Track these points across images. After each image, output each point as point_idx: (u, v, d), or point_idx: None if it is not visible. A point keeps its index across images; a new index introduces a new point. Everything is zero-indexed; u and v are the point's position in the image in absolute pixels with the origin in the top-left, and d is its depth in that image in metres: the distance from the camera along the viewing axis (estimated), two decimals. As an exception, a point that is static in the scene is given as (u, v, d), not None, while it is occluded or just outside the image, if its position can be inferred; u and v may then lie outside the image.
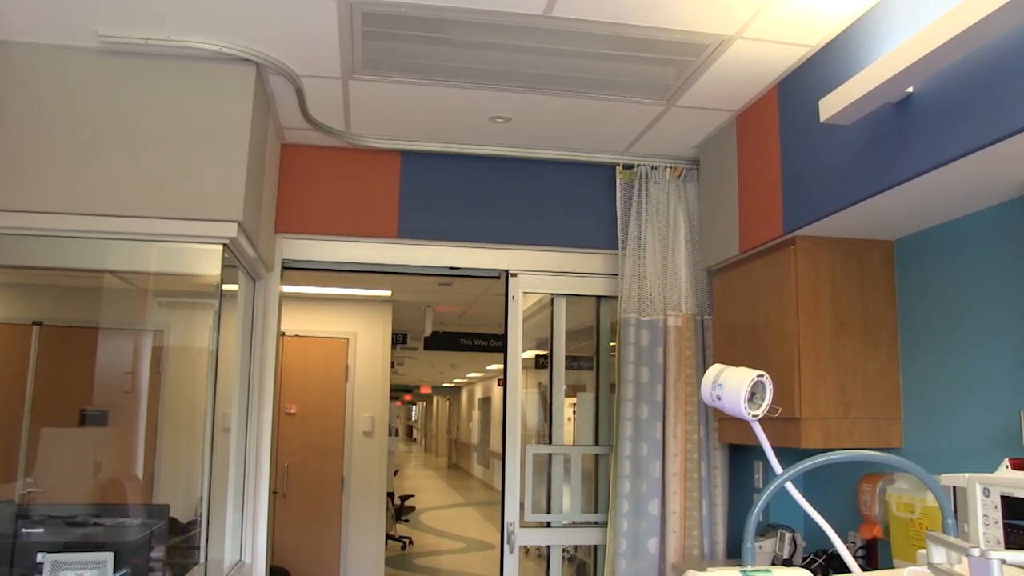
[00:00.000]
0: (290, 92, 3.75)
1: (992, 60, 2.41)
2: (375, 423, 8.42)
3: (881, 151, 2.90)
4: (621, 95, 3.78)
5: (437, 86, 3.71)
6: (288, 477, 8.11)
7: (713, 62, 3.44)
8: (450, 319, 10.60)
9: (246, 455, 4.18)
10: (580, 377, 5.69)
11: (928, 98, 2.67)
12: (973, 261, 3.11)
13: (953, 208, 3.09)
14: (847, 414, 3.44)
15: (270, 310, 4.31)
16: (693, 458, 4.25)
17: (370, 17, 3.10)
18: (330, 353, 8.46)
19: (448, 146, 4.45)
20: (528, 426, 8.42)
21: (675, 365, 4.33)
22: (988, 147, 2.43)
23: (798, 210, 3.42)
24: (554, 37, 3.24)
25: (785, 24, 3.11)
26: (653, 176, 4.54)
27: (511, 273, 4.60)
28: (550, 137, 4.36)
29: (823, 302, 3.49)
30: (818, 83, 3.30)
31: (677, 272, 4.43)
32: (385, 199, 4.48)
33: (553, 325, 4.81)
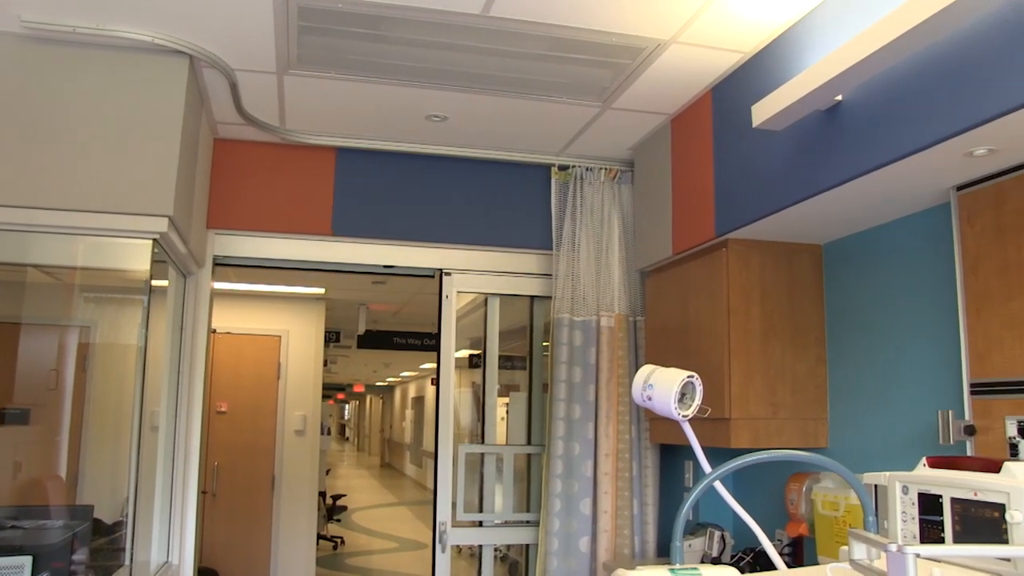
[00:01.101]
0: (224, 86, 3.69)
1: (916, 72, 2.48)
2: (307, 422, 8.33)
3: (811, 157, 2.96)
4: (557, 96, 3.80)
5: (374, 83, 3.68)
6: (218, 476, 7.99)
7: (649, 65, 3.47)
8: (384, 317, 10.54)
9: (175, 454, 4.10)
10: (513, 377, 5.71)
11: (856, 106, 2.74)
12: (897, 265, 3.19)
13: (878, 214, 3.17)
14: (776, 414, 3.51)
15: (201, 307, 4.23)
16: (625, 458, 4.29)
17: (306, 12, 3.06)
18: (262, 351, 8.35)
19: (384, 144, 4.43)
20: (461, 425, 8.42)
21: (607, 365, 4.37)
22: (911, 156, 2.49)
23: (730, 213, 3.47)
24: (492, 37, 3.24)
25: (720, 30, 3.16)
26: (588, 177, 4.57)
27: (445, 272, 4.59)
28: (486, 137, 4.36)
29: (753, 304, 3.55)
30: (751, 89, 3.36)
31: (610, 273, 4.46)
32: (319, 196, 4.43)
33: (487, 325, 4.81)
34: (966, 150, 2.44)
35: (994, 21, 2.21)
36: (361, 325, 9.96)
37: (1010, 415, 2.52)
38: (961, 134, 2.32)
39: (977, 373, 2.65)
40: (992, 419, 2.58)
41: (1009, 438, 2.51)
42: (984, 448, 2.61)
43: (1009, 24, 2.16)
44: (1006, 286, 2.57)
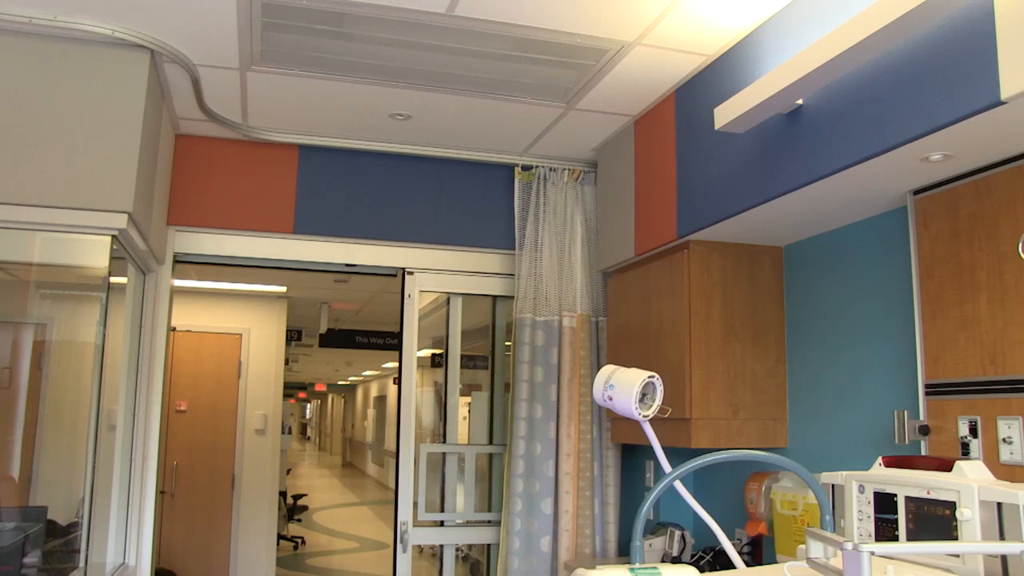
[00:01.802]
0: (186, 82, 3.66)
1: (875, 77, 2.51)
2: (268, 421, 8.27)
3: (772, 160, 2.99)
4: (521, 96, 3.81)
5: (337, 81, 3.66)
6: (176, 476, 7.90)
7: (613, 67, 3.49)
8: (346, 316, 10.49)
9: (132, 453, 4.06)
10: (475, 376, 5.71)
11: (816, 110, 2.77)
12: (855, 268, 3.23)
13: (838, 217, 3.21)
14: (736, 415, 3.54)
15: (160, 304, 4.19)
16: (586, 457, 4.31)
17: (270, 8, 3.04)
18: (223, 349, 8.28)
19: (347, 142, 4.41)
20: (423, 425, 8.40)
21: (569, 365, 4.38)
22: (869, 160, 2.53)
23: (692, 215, 3.50)
24: (456, 36, 3.24)
25: (683, 33, 3.18)
26: (551, 178, 4.58)
27: (408, 271, 4.58)
28: (450, 136, 4.36)
29: (714, 305, 3.58)
30: (714, 92, 3.38)
31: (573, 273, 4.48)
32: (282, 194, 4.40)
33: (449, 324, 4.81)
34: (922, 155, 2.49)
35: (949, 30, 2.25)
36: (323, 324, 9.90)
37: (962, 415, 2.56)
38: (917, 140, 2.35)
39: (931, 374, 2.70)
40: (945, 419, 2.63)
41: (961, 438, 2.56)
42: (938, 447, 2.65)
43: (963, 33, 2.20)
44: (959, 289, 2.61)
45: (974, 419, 2.52)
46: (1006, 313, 2.45)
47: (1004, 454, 2.43)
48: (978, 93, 2.15)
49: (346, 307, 9.64)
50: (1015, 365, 2.42)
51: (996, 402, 2.46)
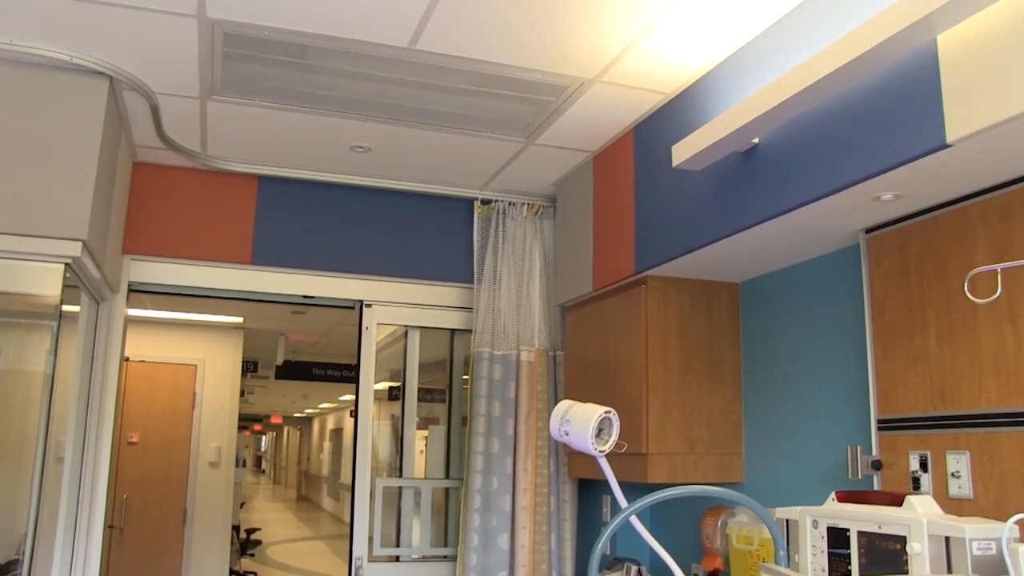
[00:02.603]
0: (145, 109, 3.64)
1: (829, 118, 2.57)
2: (222, 453, 8.15)
3: (728, 197, 3.03)
4: (481, 131, 3.83)
5: (298, 112, 3.66)
6: (126, 510, 7.75)
7: (572, 103, 3.53)
8: (303, 348, 10.41)
9: (80, 487, 3.97)
10: (433, 410, 5.67)
11: (772, 149, 2.82)
12: (809, 304, 3.28)
13: (793, 254, 3.25)
14: (692, 450, 3.55)
15: (113, 334, 4.13)
16: (543, 492, 4.29)
17: (232, 38, 3.04)
18: (177, 380, 8.17)
19: (307, 173, 4.40)
20: (379, 458, 8.32)
21: (527, 400, 4.38)
22: (823, 198, 2.58)
23: (649, 251, 3.53)
24: (418, 70, 3.26)
25: (642, 71, 3.23)
26: (510, 212, 4.60)
27: (366, 304, 4.57)
28: (410, 169, 4.36)
29: (671, 341, 3.61)
30: (672, 129, 3.43)
31: (531, 308, 4.49)
32: (240, 224, 4.38)
33: (407, 357, 4.79)
34: (873, 195, 2.54)
35: (898, 74, 2.31)
36: (280, 355, 9.82)
37: (913, 450, 2.60)
38: (868, 180, 2.40)
39: (883, 410, 2.73)
40: (897, 454, 2.66)
41: (912, 472, 2.59)
42: (890, 482, 2.68)
43: (911, 78, 2.26)
44: (910, 325, 2.66)
45: (924, 454, 2.56)
46: (954, 349, 2.50)
47: (953, 488, 2.46)
48: (925, 136, 2.20)
49: (303, 339, 9.57)
50: (963, 400, 2.46)
51: (945, 437, 2.50)
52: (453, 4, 2.79)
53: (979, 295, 2.43)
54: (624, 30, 2.93)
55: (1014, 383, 2.32)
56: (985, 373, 2.40)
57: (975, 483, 2.41)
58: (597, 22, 2.88)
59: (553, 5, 2.78)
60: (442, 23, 2.91)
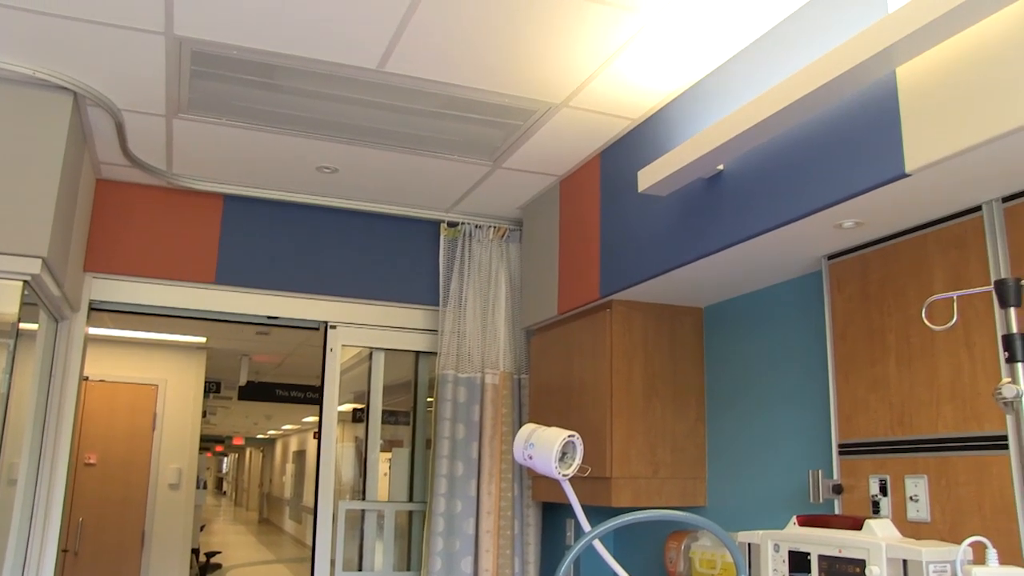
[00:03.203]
0: (110, 126, 3.61)
1: (792, 146, 2.61)
2: (183, 475, 8.05)
3: (693, 223, 3.06)
4: (449, 153, 3.85)
5: (265, 132, 3.66)
6: (82, 533, 7.61)
7: (540, 127, 3.55)
8: (267, 369, 10.32)
9: (34, 509, 3.90)
10: (397, 432, 5.65)
11: (737, 176, 2.85)
12: (772, 329, 3.31)
13: (756, 279, 3.29)
14: (656, 473, 3.56)
15: (72, 353, 4.07)
16: (507, 516, 4.28)
17: (200, 57, 3.03)
18: (137, 400, 8.06)
19: (273, 193, 4.38)
20: (342, 481, 8.27)
21: (491, 423, 4.37)
22: (786, 225, 2.61)
23: (614, 275, 3.55)
24: (386, 92, 3.27)
25: (610, 97, 3.26)
26: (477, 235, 4.61)
27: (330, 325, 4.55)
28: (376, 190, 4.36)
29: (636, 365, 3.62)
30: (638, 154, 3.46)
31: (496, 330, 4.49)
32: (205, 243, 4.35)
33: (371, 379, 4.77)
34: (835, 222, 2.58)
35: (859, 104, 2.35)
36: (243, 376, 9.73)
37: (873, 474, 2.63)
38: (830, 207, 2.44)
39: (845, 434, 2.76)
40: (858, 478, 2.69)
41: (872, 496, 2.62)
42: (850, 506, 2.71)
43: (872, 108, 2.31)
44: (870, 351, 2.69)
45: (884, 478, 2.59)
46: (913, 375, 2.54)
47: (911, 512, 2.49)
48: (885, 165, 2.24)
49: (267, 359, 9.50)
50: (921, 425, 2.49)
51: (904, 461, 2.53)
52: (422, 27, 2.80)
53: (936, 322, 2.47)
54: (592, 56, 2.96)
55: (970, 408, 2.35)
56: (942, 398, 2.44)
57: (932, 506, 2.44)
58: (565, 47, 2.91)
59: (522, 30, 2.81)
60: (411, 46, 2.93)
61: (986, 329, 2.34)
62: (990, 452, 2.29)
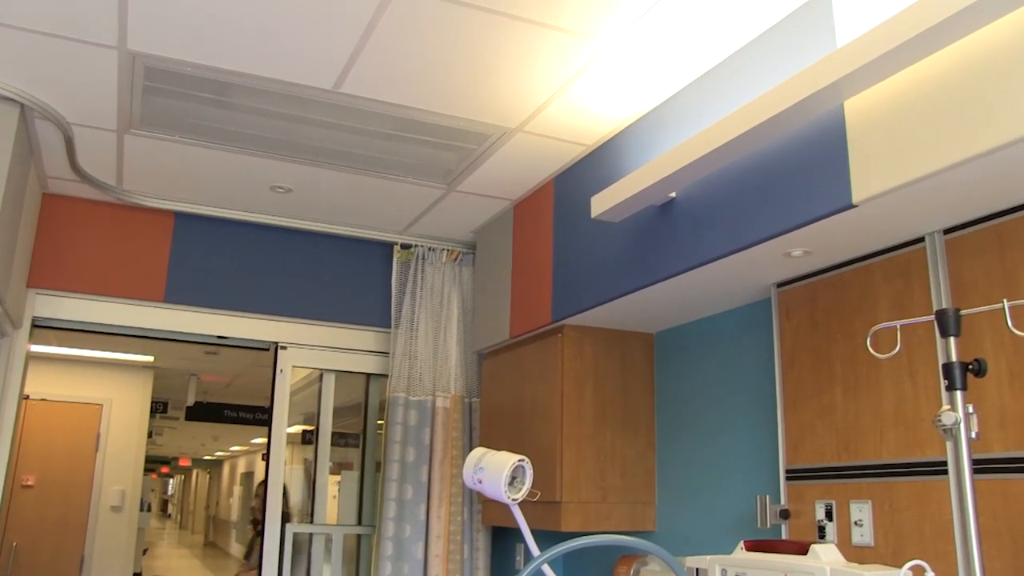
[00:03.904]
0: (58, 140, 3.56)
1: (743, 175, 2.65)
2: (126, 497, 7.89)
3: (644, 249, 3.09)
4: (403, 176, 3.84)
5: (219, 150, 3.63)
6: (15, 557, 7.41)
7: (495, 152, 3.57)
8: (215, 389, 10.19)
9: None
10: (346, 454, 5.60)
11: (689, 204, 2.89)
12: (722, 356, 3.35)
13: (707, 306, 3.32)
14: (605, 498, 3.57)
15: (13, 371, 3.98)
16: (456, 540, 4.26)
17: (153, 72, 3.01)
18: (80, 420, 7.89)
19: (226, 212, 4.35)
20: (290, 503, 8.16)
21: (442, 446, 4.35)
22: (736, 253, 2.65)
23: (567, 300, 3.57)
24: (342, 113, 3.26)
25: (564, 122, 3.29)
26: (430, 257, 4.61)
27: (281, 346, 4.50)
28: (330, 211, 4.35)
29: (587, 389, 3.63)
30: (592, 180, 3.49)
31: (448, 353, 4.48)
32: (154, 261, 4.29)
33: (321, 401, 4.73)
34: (784, 251, 2.62)
35: (809, 135, 2.40)
36: (191, 396, 9.59)
37: (819, 499, 2.66)
38: (780, 236, 2.48)
39: (792, 460, 2.79)
40: (804, 503, 2.72)
41: (818, 521, 2.65)
42: (797, 531, 2.73)
43: (820, 140, 2.35)
44: (818, 379, 2.73)
45: (830, 503, 2.62)
46: (858, 402, 2.58)
47: (856, 536, 2.52)
48: (833, 196, 2.28)
49: (216, 379, 9.38)
50: (866, 451, 2.53)
51: (849, 487, 2.57)
52: (379, 49, 2.81)
53: (881, 350, 2.51)
54: (548, 82, 2.99)
55: (912, 434, 2.40)
56: (886, 425, 2.48)
57: (876, 531, 2.47)
58: (522, 73, 2.93)
59: (478, 55, 2.83)
60: (368, 67, 2.93)
61: (929, 357, 2.39)
62: (931, 477, 2.33)
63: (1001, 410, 2.19)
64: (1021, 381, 2.15)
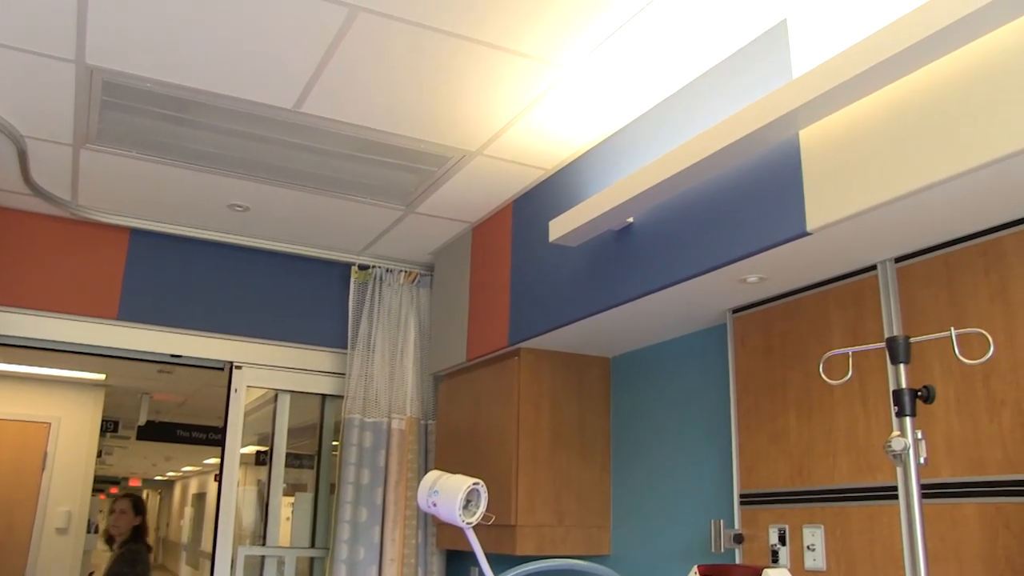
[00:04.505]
0: (11, 153, 3.50)
1: (700, 202, 2.68)
2: (72, 518, 7.72)
3: (602, 274, 3.11)
4: (363, 196, 3.84)
5: (177, 166, 3.59)
6: (-46, 580, 7.21)
7: (454, 174, 3.57)
8: (168, 408, 10.04)
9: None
10: (301, 476, 5.54)
11: (646, 229, 2.91)
12: (678, 381, 3.37)
13: (663, 331, 3.35)
14: (561, 522, 3.57)
15: (-40, 388, 3.90)
16: (410, 563, 4.22)
17: (112, 87, 2.98)
18: (26, 439, 7.72)
19: (182, 229, 4.30)
20: (243, 525, 8.04)
21: (397, 468, 4.33)
22: (693, 279, 2.67)
23: (524, 323, 3.57)
24: (302, 132, 3.25)
25: (524, 146, 3.31)
26: (388, 279, 4.60)
27: (236, 365, 4.45)
28: (288, 231, 4.32)
29: (543, 413, 3.64)
30: (550, 204, 3.51)
31: (404, 375, 4.46)
32: (108, 278, 4.23)
33: (276, 421, 4.68)
34: (740, 277, 2.65)
35: (765, 163, 2.44)
36: (143, 415, 9.43)
37: (773, 524, 2.68)
38: (735, 262, 2.51)
39: (746, 485, 2.82)
40: (758, 528, 2.74)
41: (771, 545, 2.67)
42: (750, 555, 2.75)
43: (776, 168, 2.39)
44: (772, 404, 2.76)
45: (783, 528, 2.64)
46: (811, 428, 2.61)
47: (808, 561, 2.55)
48: (788, 223, 2.32)
49: (169, 398, 9.24)
50: (819, 476, 2.56)
51: (802, 511, 2.59)
52: (341, 70, 2.81)
53: (834, 376, 2.55)
54: (508, 106, 3.00)
55: (864, 460, 2.43)
56: (839, 450, 2.51)
57: (828, 555, 2.50)
58: (483, 97, 2.95)
59: (441, 78, 2.84)
60: (329, 87, 2.93)
61: (880, 384, 2.42)
62: (882, 502, 2.36)
63: (949, 436, 2.23)
64: (968, 407, 2.19)
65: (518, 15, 2.48)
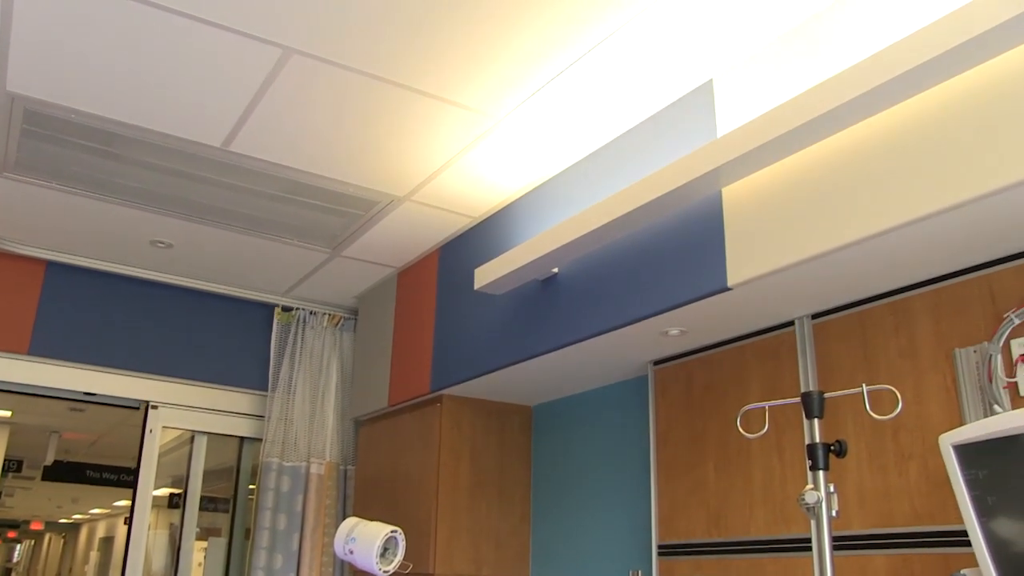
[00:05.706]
0: (-77, 183, 3.40)
1: (624, 255, 2.72)
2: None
3: (526, 323, 3.13)
4: (288, 238, 3.81)
5: (99, 200, 3.52)
6: None
7: (381, 219, 3.57)
8: (78, 447, 9.72)
9: None
10: (215, 520, 5.40)
11: (570, 280, 2.95)
12: (599, 430, 3.39)
13: (586, 381, 3.37)
14: (479, 571, 3.54)
15: None
16: (324, 611, 4.14)
17: (33, 116, 2.92)
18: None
19: (102, 263, 4.21)
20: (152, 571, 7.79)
21: (314, 514, 4.25)
22: (615, 330, 2.70)
23: (446, 370, 3.57)
24: (228, 171, 3.23)
25: (452, 194, 3.33)
26: (311, 321, 4.55)
27: (152, 405, 4.35)
28: (211, 269, 4.26)
29: (464, 461, 3.62)
30: (477, 252, 3.53)
31: (325, 419, 4.41)
32: (20, 310, 4.10)
33: (191, 463, 4.56)
34: (661, 330, 2.69)
35: (687, 219, 2.49)
36: (50, 455, 9.12)
37: (691, 575, 2.70)
38: (658, 315, 2.55)
39: (664, 535, 2.83)
40: (673, 582, 2.75)
41: (687, 600, 2.68)
42: (665, 610, 2.76)
43: (699, 224, 2.45)
44: (691, 455, 2.80)
45: (698, 582, 2.66)
46: (729, 479, 2.64)
47: (723, 617, 2.56)
48: (709, 278, 2.37)
49: (80, 437, 8.95)
50: (735, 527, 2.59)
51: (719, 563, 2.62)
52: (271, 110, 2.80)
53: (751, 430, 2.59)
54: (437, 153, 3.02)
55: (779, 512, 2.47)
56: (755, 502, 2.55)
57: (742, 610, 2.52)
58: (412, 143, 2.97)
59: (371, 123, 2.85)
60: (257, 128, 2.91)
61: (795, 437, 2.48)
62: (796, 554, 2.40)
63: (860, 489, 2.28)
64: (879, 461, 2.25)
65: (451, 64, 2.51)
